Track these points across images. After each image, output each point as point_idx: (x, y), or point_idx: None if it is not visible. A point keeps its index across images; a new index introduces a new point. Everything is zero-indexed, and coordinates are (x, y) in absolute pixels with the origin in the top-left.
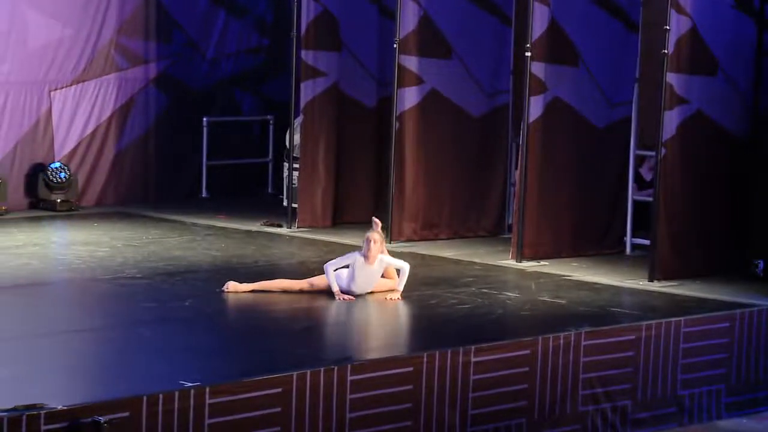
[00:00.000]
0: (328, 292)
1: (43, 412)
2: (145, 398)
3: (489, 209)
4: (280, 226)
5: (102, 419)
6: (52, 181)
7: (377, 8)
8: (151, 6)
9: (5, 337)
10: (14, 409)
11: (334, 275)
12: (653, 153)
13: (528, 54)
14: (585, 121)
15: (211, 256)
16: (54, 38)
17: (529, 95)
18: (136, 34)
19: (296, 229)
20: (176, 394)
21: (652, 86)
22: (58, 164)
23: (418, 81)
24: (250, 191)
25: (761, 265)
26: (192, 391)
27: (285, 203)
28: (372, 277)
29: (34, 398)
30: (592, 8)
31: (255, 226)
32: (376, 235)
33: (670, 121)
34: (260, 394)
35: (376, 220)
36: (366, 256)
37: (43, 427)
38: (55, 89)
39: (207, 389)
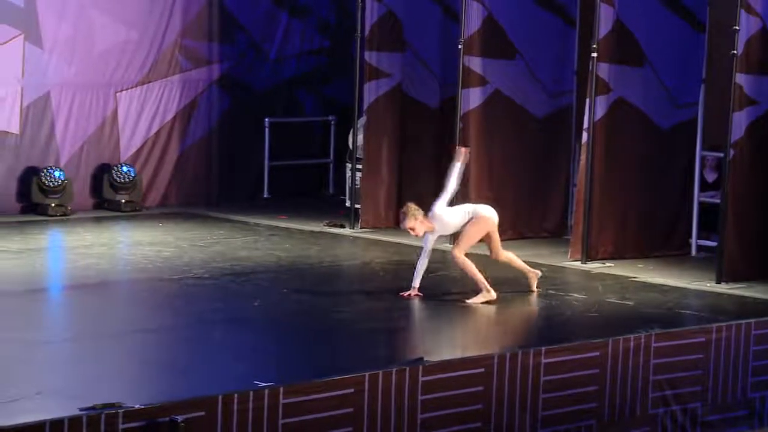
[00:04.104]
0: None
1: (121, 411)
2: (220, 398)
3: (552, 210)
4: (342, 226)
5: (179, 418)
6: (117, 181)
7: (440, 9)
8: (214, 8)
9: (81, 336)
10: (93, 407)
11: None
12: (720, 154)
13: (594, 54)
14: (650, 121)
15: (275, 256)
16: (120, 41)
17: (594, 95)
18: (200, 36)
19: (359, 230)
20: (251, 393)
21: (720, 87)
22: (123, 165)
23: (482, 82)
24: (312, 192)
25: None
26: (266, 391)
27: (347, 204)
28: (444, 230)
29: (111, 397)
30: (658, 8)
31: (318, 227)
32: (404, 223)
33: (739, 122)
34: (333, 394)
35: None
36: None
37: (120, 426)
38: (121, 90)
39: (281, 389)
